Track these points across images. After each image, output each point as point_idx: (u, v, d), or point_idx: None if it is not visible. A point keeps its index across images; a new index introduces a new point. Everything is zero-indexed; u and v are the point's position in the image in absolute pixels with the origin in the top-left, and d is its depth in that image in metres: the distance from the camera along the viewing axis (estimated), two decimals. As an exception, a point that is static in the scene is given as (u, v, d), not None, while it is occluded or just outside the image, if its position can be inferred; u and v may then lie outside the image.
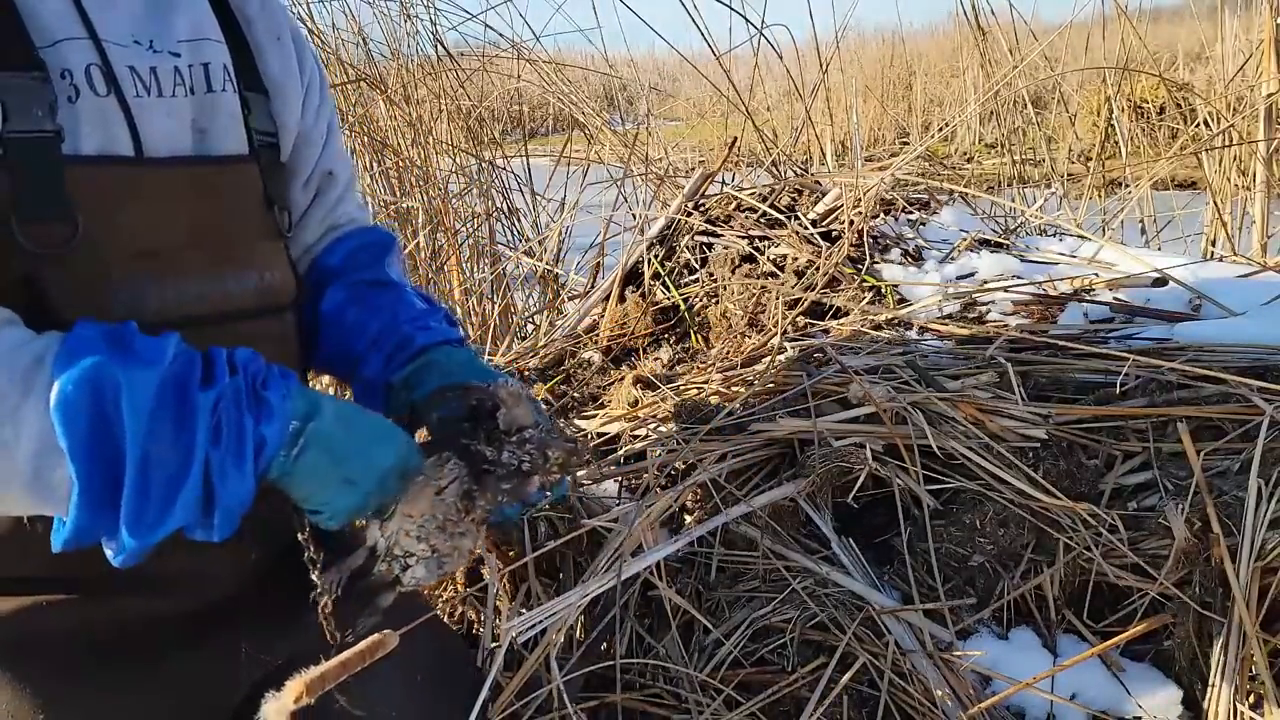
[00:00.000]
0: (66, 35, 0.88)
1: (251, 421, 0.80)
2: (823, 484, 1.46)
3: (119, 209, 0.89)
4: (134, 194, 0.91)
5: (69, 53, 0.88)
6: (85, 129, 0.88)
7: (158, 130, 0.93)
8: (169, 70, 0.96)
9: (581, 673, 1.27)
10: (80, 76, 0.88)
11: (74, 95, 0.88)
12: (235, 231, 1.01)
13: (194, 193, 0.96)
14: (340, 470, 0.87)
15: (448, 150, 3.78)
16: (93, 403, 0.74)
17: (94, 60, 0.89)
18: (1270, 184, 3.04)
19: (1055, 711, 1.21)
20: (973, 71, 5.95)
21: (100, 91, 0.89)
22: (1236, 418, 1.41)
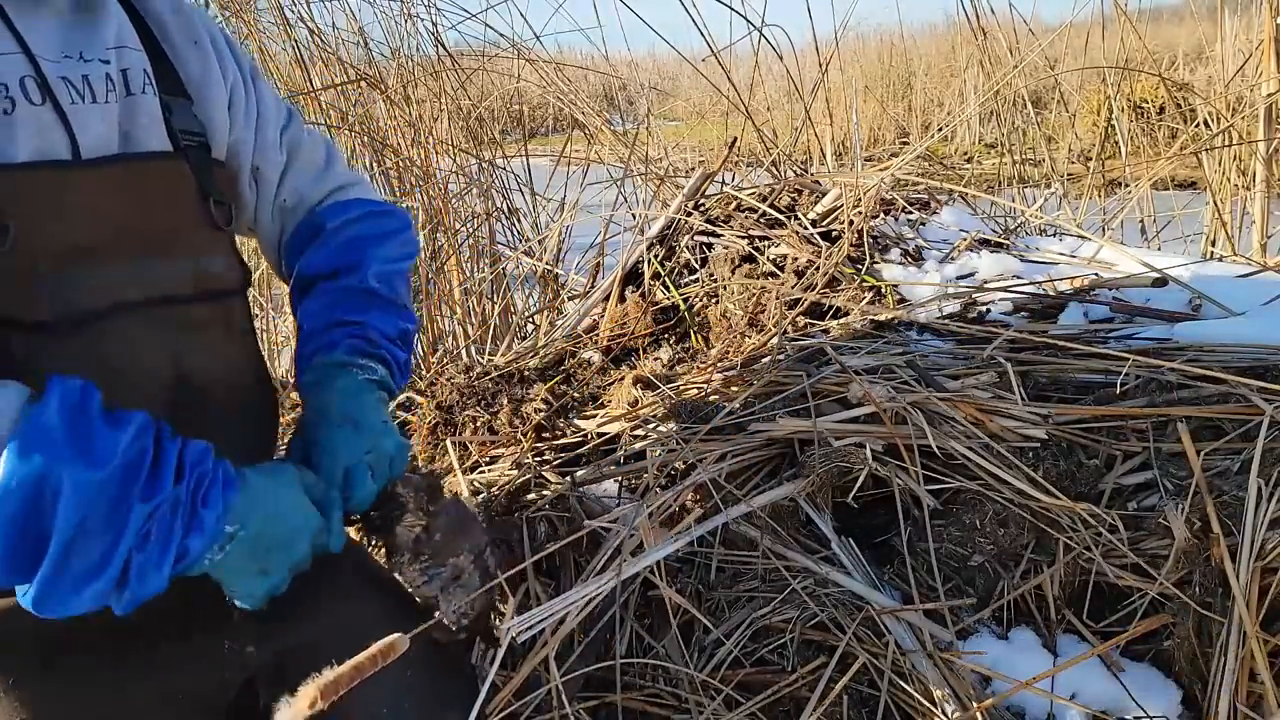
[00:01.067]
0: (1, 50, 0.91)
1: (181, 533, 0.84)
2: (823, 484, 1.46)
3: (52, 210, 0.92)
4: (67, 194, 0.94)
5: (3, 67, 0.90)
6: (21, 137, 0.91)
7: (92, 133, 0.97)
8: (100, 76, 0.99)
9: (581, 672, 1.27)
10: (15, 89, 0.91)
11: (9, 108, 0.90)
12: (164, 223, 1.04)
13: (121, 188, 0.99)
14: (257, 564, 0.92)
15: (448, 150, 3.78)
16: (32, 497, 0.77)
17: (28, 73, 0.92)
18: (1270, 184, 3.04)
19: (1055, 711, 1.21)
20: (972, 71, 5.95)
21: (35, 101, 0.92)
22: (1236, 418, 1.41)
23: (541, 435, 1.92)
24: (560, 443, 1.85)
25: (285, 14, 3.41)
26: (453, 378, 2.22)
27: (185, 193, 1.07)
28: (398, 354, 1.22)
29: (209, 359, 1.06)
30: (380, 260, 1.25)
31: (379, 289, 1.24)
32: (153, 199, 1.03)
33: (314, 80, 3.49)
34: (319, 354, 1.17)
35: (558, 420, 1.96)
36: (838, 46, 4.02)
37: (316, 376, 1.15)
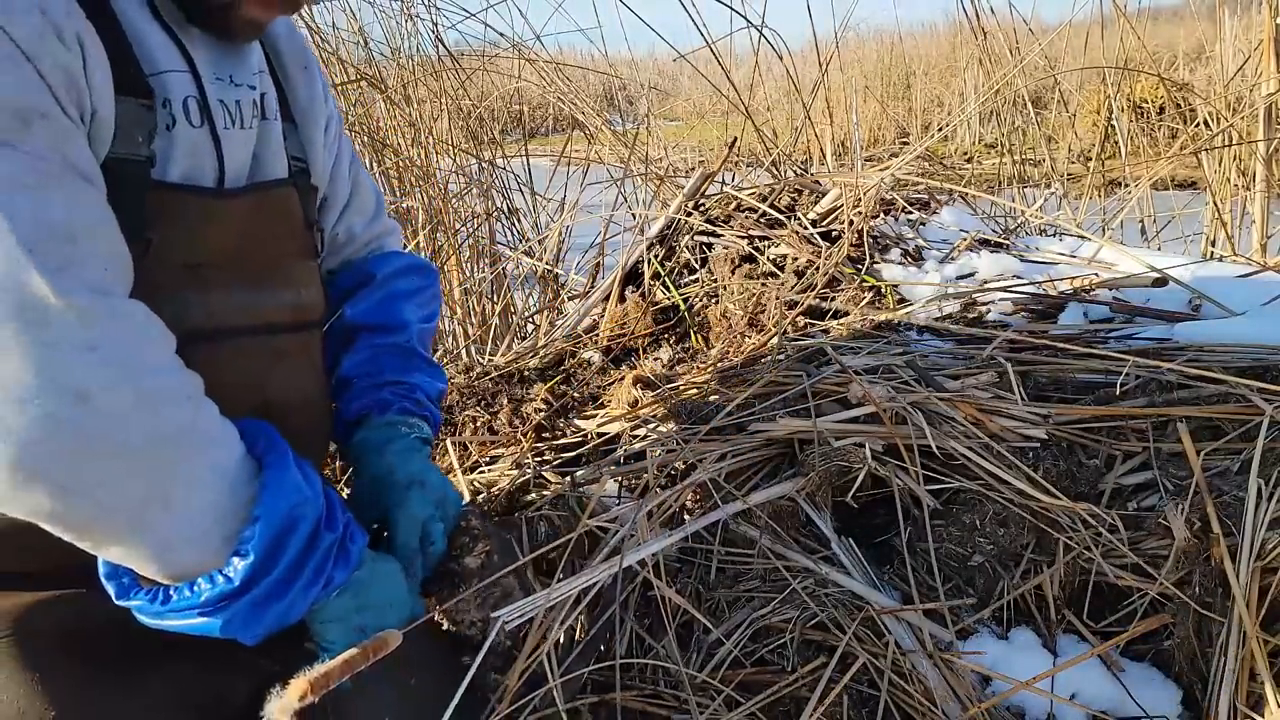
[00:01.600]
0: (170, 68, 0.93)
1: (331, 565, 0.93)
2: (822, 484, 1.46)
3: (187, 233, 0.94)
4: (206, 221, 0.97)
5: (171, 84, 0.93)
6: (175, 156, 0.93)
7: (237, 160, 1.01)
8: (249, 102, 1.02)
9: (581, 672, 1.27)
10: (179, 107, 0.93)
11: (171, 124, 0.93)
12: (275, 250, 1.07)
13: (246, 215, 1.02)
14: (355, 620, 0.97)
15: (448, 150, 3.78)
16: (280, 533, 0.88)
17: (192, 93, 0.95)
18: (1270, 184, 3.04)
19: (1055, 711, 1.21)
20: (972, 71, 5.95)
21: (195, 123, 0.95)
22: (1236, 418, 1.41)
23: (541, 435, 1.92)
24: (560, 443, 1.85)
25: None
26: (453, 378, 2.22)
27: (295, 220, 1.12)
28: (436, 414, 1.32)
29: (291, 387, 1.10)
30: (419, 320, 1.34)
31: (420, 350, 1.33)
32: (270, 227, 1.06)
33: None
34: (373, 413, 1.25)
35: (558, 420, 1.96)
36: (838, 47, 4.02)
37: (371, 435, 1.23)
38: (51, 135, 0.80)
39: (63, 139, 0.81)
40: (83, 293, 0.77)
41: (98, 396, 0.76)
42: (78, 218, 0.80)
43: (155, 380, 0.81)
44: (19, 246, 0.75)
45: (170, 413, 0.82)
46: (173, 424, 0.81)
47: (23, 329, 0.74)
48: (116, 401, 0.77)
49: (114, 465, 0.78)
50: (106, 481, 0.78)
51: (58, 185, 0.79)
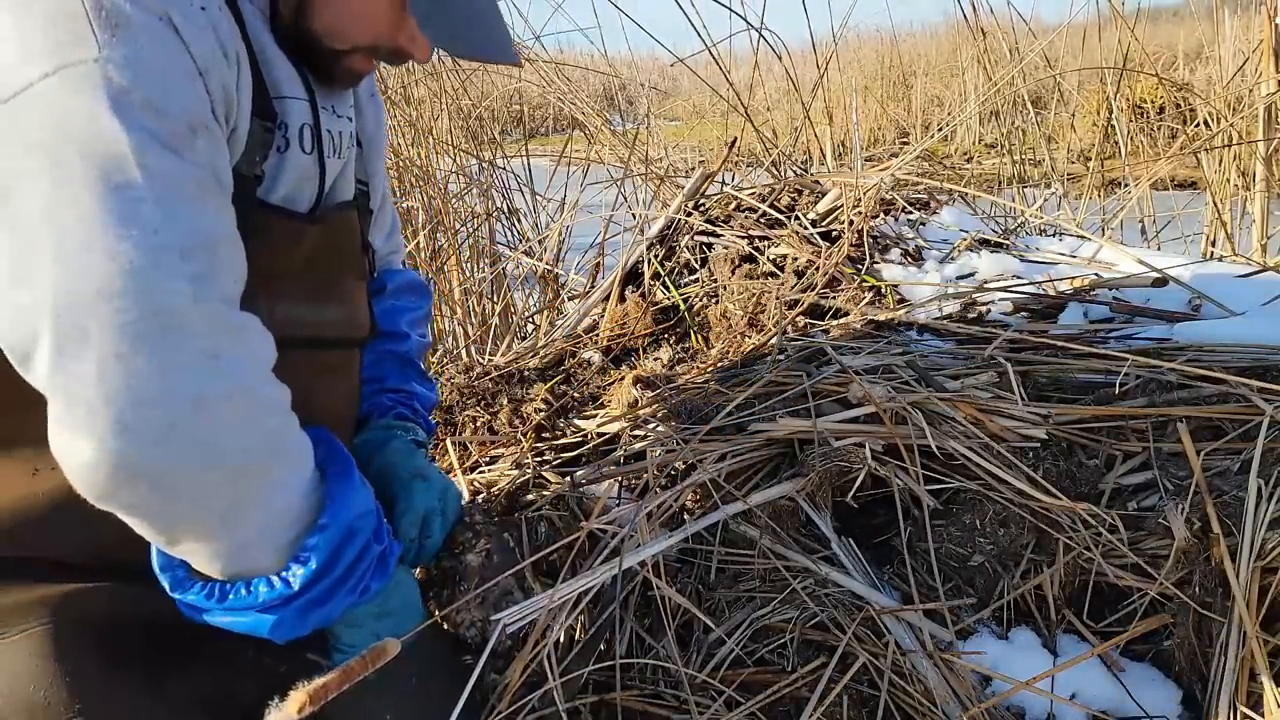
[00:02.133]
0: (292, 94, 0.97)
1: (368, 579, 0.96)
2: (822, 484, 1.46)
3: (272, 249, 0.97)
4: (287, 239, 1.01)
5: (292, 110, 0.97)
6: (283, 180, 0.97)
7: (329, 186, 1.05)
8: (348, 134, 1.08)
9: (581, 672, 1.27)
10: (294, 133, 0.97)
11: (284, 146, 0.97)
12: (337, 269, 1.12)
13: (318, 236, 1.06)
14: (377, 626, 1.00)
15: (448, 150, 3.78)
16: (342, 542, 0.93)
17: (308, 121, 0.99)
18: (1270, 184, 3.04)
19: (1055, 711, 1.21)
20: (972, 71, 5.95)
21: (306, 150, 0.99)
22: (1236, 418, 1.41)
23: (541, 435, 1.92)
24: (560, 443, 1.85)
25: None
26: (453, 378, 2.22)
27: (355, 241, 1.16)
28: (430, 424, 1.38)
29: (332, 401, 1.14)
30: (418, 335, 1.41)
31: (416, 362, 1.39)
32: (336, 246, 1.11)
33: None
34: (374, 415, 1.30)
35: (558, 420, 1.96)
36: (836, 47, 4.02)
37: (372, 436, 1.27)
38: (209, 148, 0.84)
39: (216, 152, 0.85)
40: (216, 302, 0.81)
41: (213, 404, 0.79)
42: (221, 230, 0.84)
43: (263, 391, 0.85)
44: (172, 251, 0.78)
45: (271, 423, 0.86)
46: (272, 434, 0.86)
47: (157, 332, 0.77)
48: (229, 410, 0.80)
49: (215, 471, 0.81)
50: (206, 485, 0.81)
51: (210, 197, 0.83)
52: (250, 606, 0.89)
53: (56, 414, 0.77)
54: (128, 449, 0.76)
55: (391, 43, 1.01)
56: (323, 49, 0.99)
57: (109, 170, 0.76)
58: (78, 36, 0.77)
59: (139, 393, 0.75)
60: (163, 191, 0.78)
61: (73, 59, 0.76)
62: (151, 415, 0.76)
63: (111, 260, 0.75)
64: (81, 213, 0.75)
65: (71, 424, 0.76)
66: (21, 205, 0.76)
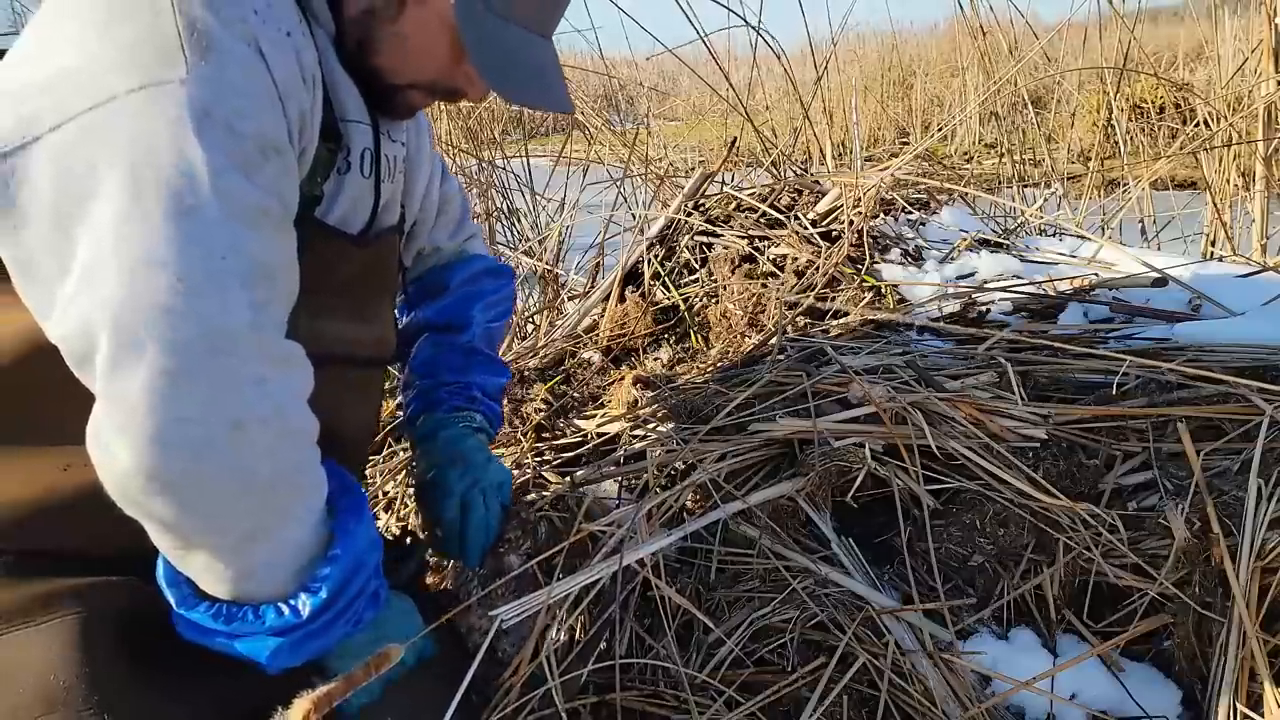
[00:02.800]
0: (356, 119, 1.00)
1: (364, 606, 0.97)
2: (822, 483, 1.46)
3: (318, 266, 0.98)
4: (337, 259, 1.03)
5: (356, 134, 0.99)
6: (341, 201, 0.99)
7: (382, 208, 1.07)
8: (400, 159, 1.11)
9: (582, 672, 1.27)
10: (356, 156, 1.00)
11: (344, 169, 0.99)
12: (376, 290, 1.15)
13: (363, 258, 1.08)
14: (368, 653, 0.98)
15: (448, 150, 3.77)
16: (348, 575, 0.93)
17: (369, 145, 1.01)
18: (1270, 184, 3.04)
19: (1055, 711, 1.21)
20: (973, 71, 5.95)
21: (365, 174, 1.02)
22: (1236, 418, 1.41)
23: (541, 435, 1.92)
24: (560, 443, 1.85)
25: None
26: (453, 378, 2.21)
27: (395, 264, 1.19)
28: (494, 407, 1.40)
29: (355, 419, 1.15)
30: (487, 320, 1.43)
31: (480, 347, 1.40)
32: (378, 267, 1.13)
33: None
34: (425, 412, 1.35)
35: (558, 420, 1.96)
36: (835, 47, 4.01)
37: (425, 430, 1.33)
38: (277, 172, 0.85)
39: (284, 176, 0.86)
40: (269, 329, 0.83)
41: (251, 428, 0.80)
42: (280, 256, 0.85)
43: (298, 421, 0.86)
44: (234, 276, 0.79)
45: (300, 455, 0.87)
46: (299, 465, 0.88)
47: (208, 353, 0.78)
48: (264, 436, 0.81)
49: (242, 495, 0.83)
50: (230, 507, 0.83)
51: (273, 223, 0.85)
52: (257, 632, 0.90)
53: (100, 416, 0.79)
54: (162, 461, 0.77)
55: (450, 83, 1.04)
56: (383, 83, 1.02)
57: (182, 191, 0.78)
58: (168, 56, 0.79)
59: (181, 409, 0.77)
60: (231, 216, 0.79)
61: (161, 78, 0.78)
62: (190, 432, 0.78)
63: (176, 279, 0.77)
64: (151, 229, 0.77)
65: (113, 429, 0.78)
66: (99, 212, 0.77)
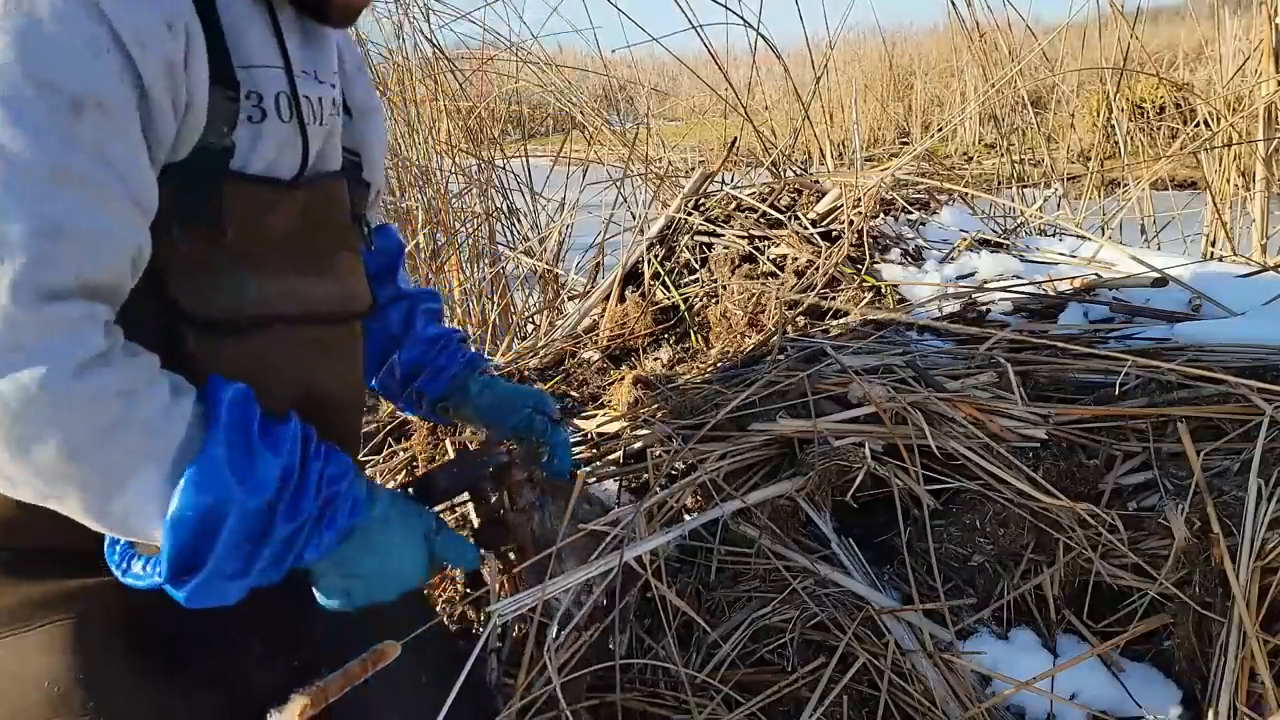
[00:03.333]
0: (265, 62, 0.95)
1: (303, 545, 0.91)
2: (822, 483, 1.46)
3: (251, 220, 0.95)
4: (271, 209, 0.98)
5: (264, 79, 0.94)
6: (261, 150, 0.94)
7: (313, 154, 1.02)
8: (329, 100, 1.05)
9: (583, 673, 1.27)
10: (270, 102, 0.94)
11: (257, 116, 0.94)
12: (326, 241, 1.09)
13: (304, 207, 1.03)
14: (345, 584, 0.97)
15: (448, 150, 3.77)
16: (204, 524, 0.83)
17: (284, 89, 0.96)
18: (1270, 184, 3.04)
19: (1055, 711, 1.21)
20: (972, 71, 5.95)
21: (285, 118, 0.96)
22: (1236, 418, 1.41)
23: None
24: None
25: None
26: (452, 378, 2.21)
27: (342, 213, 1.14)
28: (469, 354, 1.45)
29: (335, 378, 1.11)
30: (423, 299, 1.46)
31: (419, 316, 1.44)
32: (322, 218, 1.08)
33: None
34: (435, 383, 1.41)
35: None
36: (831, 47, 4.01)
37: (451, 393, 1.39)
38: (98, 129, 0.79)
39: (111, 135, 0.80)
40: (27, 293, 0.76)
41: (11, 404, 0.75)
42: (78, 220, 0.78)
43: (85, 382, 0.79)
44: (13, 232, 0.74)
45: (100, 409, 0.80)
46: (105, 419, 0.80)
47: None
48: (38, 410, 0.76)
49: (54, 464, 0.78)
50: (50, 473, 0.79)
51: (74, 183, 0.78)
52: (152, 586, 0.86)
53: None
54: None
55: None
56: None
57: None
58: None
59: None
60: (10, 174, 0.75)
61: None
62: None
63: None
64: None
65: None
66: None
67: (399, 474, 1.96)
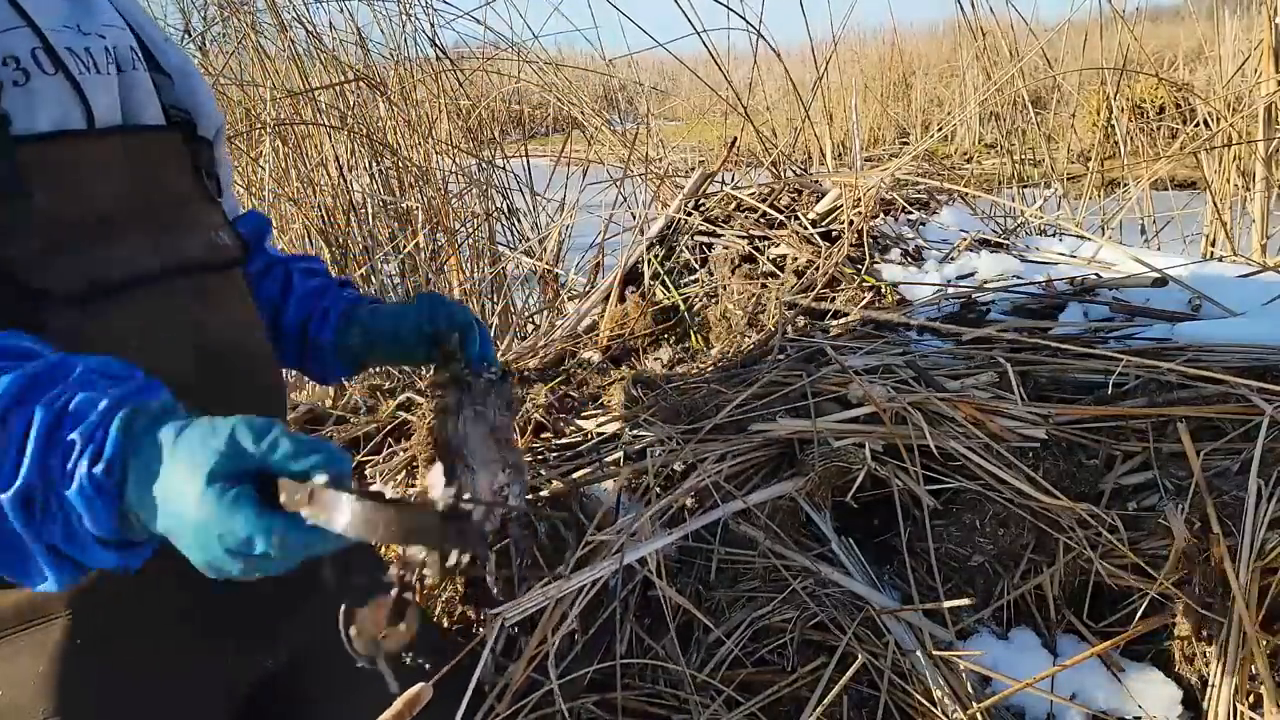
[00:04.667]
0: (5, 26, 0.92)
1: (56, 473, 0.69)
2: (822, 483, 1.46)
3: (71, 180, 0.94)
4: (83, 164, 0.96)
5: (11, 40, 0.92)
6: (39, 107, 0.92)
7: (102, 104, 0.99)
8: (100, 49, 1.01)
9: (582, 673, 1.27)
10: (28, 60, 0.92)
11: (22, 79, 0.92)
12: (172, 194, 1.08)
13: (131, 159, 1.02)
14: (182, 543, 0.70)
15: (448, 150, 3.77)
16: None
17: (36, 44, 0.94)
18: (1270, 184, 3.04)
19: (1055, 711, 1.21)
20: (973, 71, 5.95)
21: (49, 71, 0.94)
22: (1236, 418, 1.41)
23: (541, 435, 1.92)
24: (560, 443, 1.85)
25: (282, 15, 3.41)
26: (453, 378, 2.21)
27: (183, 165, 1.11)
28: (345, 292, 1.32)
29: (227, 326, 1.09)
30: None
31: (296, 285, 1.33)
32: (159, 171, 1.06)
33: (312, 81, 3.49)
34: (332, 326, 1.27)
35: (558, 420, 1.96)
36: (835, 47, 4.01)
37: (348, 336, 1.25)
38: None
39: None
40: None
41: None
42: None
43: None
44: None
45: None
46: None
47: None
48: None
49: None
50: None
51: None
52: None
53: None
54: None
55: None
56: None
57: None
58: None
59: None
60: None
61: None
62: None
63: None
64: None
65: None
66: None
67: (399, 474, 1.96)
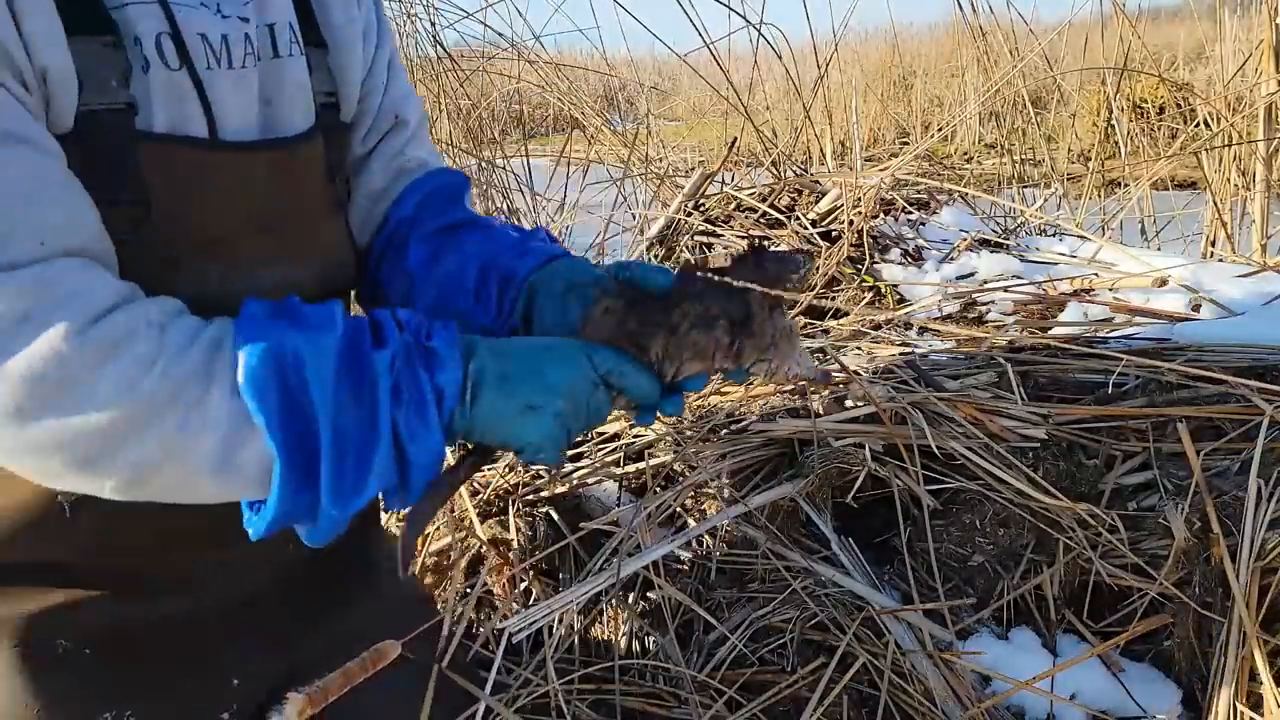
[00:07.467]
0: None
1: (426, 375, 0.78)
2: (822, 484, 1.46)
3: (190, 193, 0.84)
4: (207, 179, 0.85)
5: (137, 18, 0.79)
6: (156, 104, 0.80)
7: (231, 106, 0.86)
8: (239, 38, 0.86)
9: (582, 673, 1.27)
10: (150, 46, 0.79)
11: (145, 66, 0.79)
12: (300, 215, 0.96)
13: (264, 179, 0.90)
14: (516, 402, 0.81)
15: (448, 150, 3.78)
16: (279, 376, 0.72)
17: (164, 29, 0.80)
18: (1270, 184, 3.04)
19: (1055, 711, 1.21)
20: (973, 71, 5.95)
21: (172, 65, 0.81)
22: (1236, 418, 1.41)
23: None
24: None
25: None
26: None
27: (317, 175, 0.99)
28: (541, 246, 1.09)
29: None
30: None
31: None
32: (293, 189, 0.95)
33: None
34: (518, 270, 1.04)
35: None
36: (836, 47, 4.01)
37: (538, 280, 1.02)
38: None
39: None
40: None
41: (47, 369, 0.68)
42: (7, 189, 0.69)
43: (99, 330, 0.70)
44: None
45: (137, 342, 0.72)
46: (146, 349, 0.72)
47: None
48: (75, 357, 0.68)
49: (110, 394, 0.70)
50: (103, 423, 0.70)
51: None
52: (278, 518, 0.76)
53: None
54: None
55: None
56: None
57: None
58: None
59: None
60: None
61: None
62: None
63: None
64: None
65: None
66: None
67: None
